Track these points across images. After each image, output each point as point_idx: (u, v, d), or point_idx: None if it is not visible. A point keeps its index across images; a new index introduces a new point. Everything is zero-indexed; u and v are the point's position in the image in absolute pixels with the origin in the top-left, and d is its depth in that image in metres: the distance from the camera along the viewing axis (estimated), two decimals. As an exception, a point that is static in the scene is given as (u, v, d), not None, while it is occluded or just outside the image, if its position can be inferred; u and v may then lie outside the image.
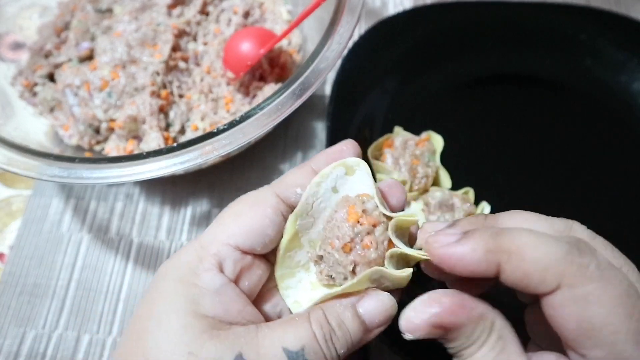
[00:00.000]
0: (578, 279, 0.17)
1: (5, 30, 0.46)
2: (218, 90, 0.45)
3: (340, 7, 0.37)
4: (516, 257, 0.17)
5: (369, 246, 0.22)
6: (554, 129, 0.46)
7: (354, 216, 0.23)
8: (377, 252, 0.22)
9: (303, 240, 0.25)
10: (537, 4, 0.50)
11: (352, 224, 0.22)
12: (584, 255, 0.17)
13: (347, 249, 0.22)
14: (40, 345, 0.40)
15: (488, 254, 0.18)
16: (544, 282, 0.17)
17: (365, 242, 0.22)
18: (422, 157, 0.41)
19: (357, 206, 0.23)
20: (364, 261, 0.22)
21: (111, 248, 0.44)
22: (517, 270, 0.17)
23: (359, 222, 0.23)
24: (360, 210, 0.23)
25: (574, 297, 0.17)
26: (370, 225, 0.23)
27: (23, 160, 0.33)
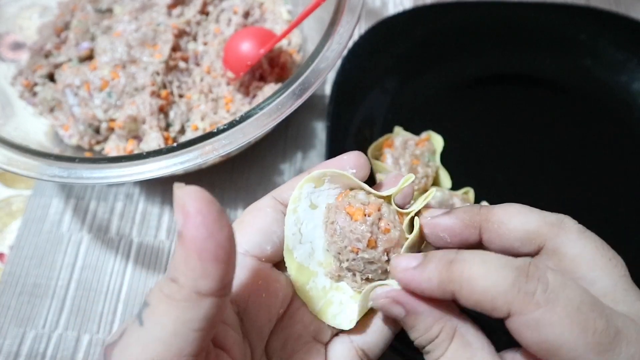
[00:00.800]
0: (525, 307, 0.18)
1: (5, 30, 0.46)
2: (218, 90, 0.45)
3: (340, 7, 0.37)
4: (467, 288, 0.19)
5: (388, 229, 0.22)
6: (554, 128, 0.46)
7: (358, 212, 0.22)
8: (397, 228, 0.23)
9: (312, 267, 0.24)
10: (537, 4, 0.50)
11: (361, 219, 0.22)
12: (531, 282, 0.18)
13: (372, 243, 0.22)
14: (40, 345, 0.40)
15: (441, 283, 0.19)
16: (495, 309, 0.18)
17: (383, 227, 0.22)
18: (422, 157, 0.41)
19: (353, 203, 0.23)
20: (392, 244, 0.22)
21: (111, 248, 0.44)
22: (470, 300, 0.19)
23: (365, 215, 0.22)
24: (358, 204, 0.23)
25: (525, 323, 0.18)
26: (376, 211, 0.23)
27: (23, 160, 0.33)
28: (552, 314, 0.17)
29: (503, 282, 0.18)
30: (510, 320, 0.18)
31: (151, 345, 0.16)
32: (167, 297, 0.16)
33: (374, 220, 0.22)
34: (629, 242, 0.39)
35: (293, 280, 0.23)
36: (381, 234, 0.22)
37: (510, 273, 0.18)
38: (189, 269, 0.16)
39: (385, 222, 0.22)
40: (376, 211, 0.22)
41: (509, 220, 0.21)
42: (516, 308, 0.18)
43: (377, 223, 0.22)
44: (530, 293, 0.18)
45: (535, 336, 0.18)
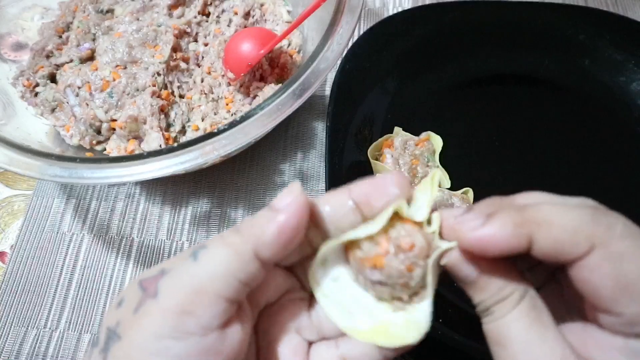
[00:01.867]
0: (609, 238, 0.17)
1: (6, 31, 0.46)
2: (218, 90, 0.45)
3: (340, 8, 0.37)
4: (546, 226, 0.18)
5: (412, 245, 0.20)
6: (553, 128, 0.46)
7: (378, 259, 0.20)
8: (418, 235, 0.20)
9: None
10: (536, 4, 0.50)
11: (386, 262, 0.20)
12: (610, 216, 0.18)
13: (411, 268, 0.20)
14: (41, 344, 0.40)
15: (517, 228, 0.18)
16: (576, 245, 0.18)
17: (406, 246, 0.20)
18: (422, 157, 0.42)
19: (368, 254, 0.20)
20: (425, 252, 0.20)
21: (112, 248, 0.44)
22: (548, 239, 0.18)
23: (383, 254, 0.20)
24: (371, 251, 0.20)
25: (608, 256, 0.17)
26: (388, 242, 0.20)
27: (24, 160, 0.33)
28: (634, 247, 0.17)
29: (583, 216, 0.18)
30: (587, 259, 0.18)
31: (200, 278, 0.18)
32: (227, 244, 0.19)
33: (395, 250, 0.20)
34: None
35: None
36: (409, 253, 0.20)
37: (587, 209, 0.18)
38: (262, 233, 0.19)
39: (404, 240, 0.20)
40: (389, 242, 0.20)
41: (544, 198, 0.20)
42: (600, 240, 0.17)
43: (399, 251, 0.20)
44: (611, 225, 0.18)
45: (615, 270, 0.17)
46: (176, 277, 0.19)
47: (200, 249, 0.19)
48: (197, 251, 0.19)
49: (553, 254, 0.18)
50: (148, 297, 0.19)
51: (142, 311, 0.18)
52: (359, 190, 0.20)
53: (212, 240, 0.19)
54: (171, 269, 0.19)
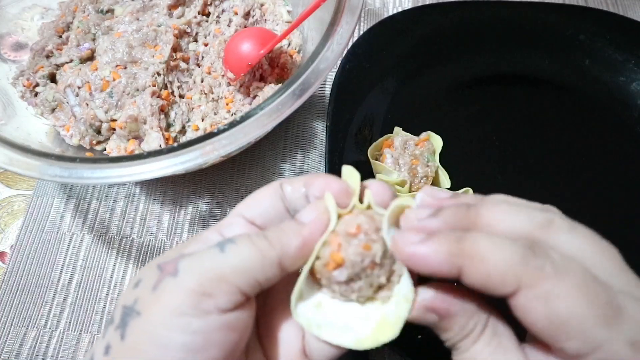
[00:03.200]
0: (535, 279, 0.18)
1: (7, 31, 0.46)
2: (218, 90, 0.45)
3: (340, 8, 0.37)
4: (477, 261, 0.18)
5: (369, 246, 0.21)
6: (553, 128, 0.46)
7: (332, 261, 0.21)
8: (377, 242, 0.21)
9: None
10: (537, 4, 0.50)
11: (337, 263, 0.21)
12: (539, 257, 0.18)
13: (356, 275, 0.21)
14: (41, 344, 0.40)
15: (450, 257, 0.19)
16: (504, 284, 0.18)
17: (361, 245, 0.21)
18: (422, 157, 0.42)
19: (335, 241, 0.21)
20: (378, 258, 0.21)
21: (112, 248, 0.44)
22: (478, 273, 0.18)
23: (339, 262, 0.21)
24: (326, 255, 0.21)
25: (535, 296, 0.18)
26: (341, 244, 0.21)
27: (24, 160, 0.33)
28: (562, 286, 0.18)
29: (513, 255, 0.18)
30: (518, 296, 0.18)
31: (223, 268, 0.20)
32: (255, 246, 0.20)
33: (345, 239, 0.21)
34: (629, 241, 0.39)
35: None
36: (359, 235, 0.21)
37: (519, 249, 0.18)
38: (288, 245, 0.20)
39: (349, 227, 0.21)
40: (337, 236, 0.21)
41: (497, 224, 0.20)
42: (526, 281, 0.18)
43: (349, 238, 0.21)
44: (539, 267, 0.18)
45: (545, 310, 0.18)
46: (198, 260, 0.20)
47: (228, 242, 0.20)
48: (224, 244, 0.20)
49: (481, 288, 0.19)
50: (167, 274, 0.20)
51: (162, 288, 0.20)
52: (310, 179, 0.23)
53: (240, 237, 0.20)
54: (192, 253, 0.20)
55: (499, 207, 0.21)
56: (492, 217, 0.20)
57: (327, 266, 0.21)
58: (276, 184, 0.23)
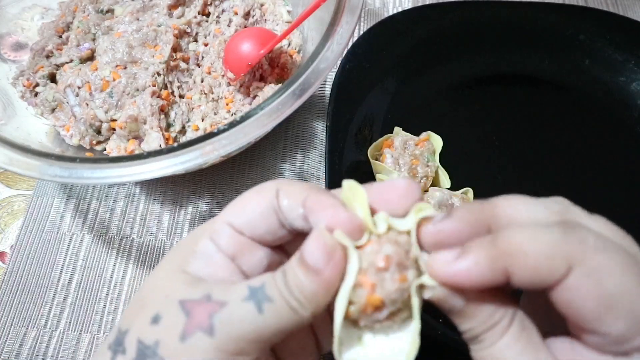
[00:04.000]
0: (584, 254, 0.17)
1: (7, 31, 0.46)
2: (218, 90, 0.45)
3: (340, 8, 0.37)
4: (521, 256, 0.17)
5: (405, 277, 0.19)
6: (553, 128, 0.46)
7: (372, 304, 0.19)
8: (410, 268, 0.19)
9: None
10: (537, 4, 0.50)
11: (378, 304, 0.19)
12: (580, 231, 0.18)
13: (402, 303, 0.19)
14: (41, 344, 0.40)
15: (492, 262, 0.18)
16: (554, 269, 0.17)
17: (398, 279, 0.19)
18: (422, 157, 0.42)
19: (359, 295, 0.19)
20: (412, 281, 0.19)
21: (112, 248, 0.44)
22: (525, 268, 0.17)
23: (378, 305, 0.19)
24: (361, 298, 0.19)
25: (587, 273, 0.17)
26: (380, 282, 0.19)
27: (24, 160, 0.33)
28: (611, 260, 0.17)
29: (554, 237, 0.17)
30: (566, 280, 0.17)
31: (262, 331, 0.19)
32: (290, 307, 0.19)
33: (377, 277, 0.19)
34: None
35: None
36: (391, 267, 0.19)
37: (556, 229, 0.18)
38: (319, 300, 0.19)
39: (377, 260, 0.19)
40: (367, 275, 0.19)
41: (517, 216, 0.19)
42: (576, 258, 0.17)
43: (380, 273, 0.19)
44: (583, 240, 0.17)
45: (595, 288, 0.17)
46: (236, 320, 0.19)
47: (264, 300, 0.19)
48: (261, 302, 0.19)
49: (533, 283, 0.18)
50: (199, 328, 0.19)
51: (194, 343, 0.19)
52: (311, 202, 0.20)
53: (273, 291, 0.19)
54: (224, 303, 0.19)
55: (513, 199, 0.20)
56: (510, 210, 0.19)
57: (364, 311, 0.19)
58: (270, 194, 0.21)
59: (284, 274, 0.19)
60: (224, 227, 0.21)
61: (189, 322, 0.19)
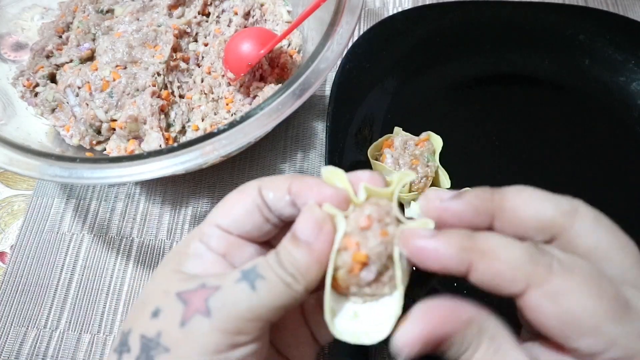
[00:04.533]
0: (544, 277, 0.18)
1: (6, 31, 0.46)
2: (218, 90, 0.46)
3: (340, 8, 0.37)
4: (489, 258, 0.18)
5: (386, 232, 0.20)
6: (553, 128, 0.46)
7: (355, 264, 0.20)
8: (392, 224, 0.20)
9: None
10: (536, 4, 0.50)
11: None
12: (546, 255, 0.18)
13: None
14: (41, 344, 0.40)
15: (462, 251, 0.18)
16: (514, 281, 0.18)
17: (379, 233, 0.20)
18: (422, 157, 0.42)
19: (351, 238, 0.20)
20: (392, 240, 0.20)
21: (112, 248, 0.44)
22: (489, 270, 0.18)
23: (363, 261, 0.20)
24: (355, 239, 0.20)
25: (545, 294, 0.18)
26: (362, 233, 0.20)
27: (24, 160, 0.33)
28: (571, 282, 0.18)
29: (523, 254, 0.18)
30: (527, 295, 0.18)
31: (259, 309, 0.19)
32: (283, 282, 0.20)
33: (360, 236, 0.20)
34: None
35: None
36: (373, 225, 0.20)
37: (528, 248, 0.18)
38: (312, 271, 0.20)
39: (360, 221, 0.20)
40: (351, 237, 0.20)
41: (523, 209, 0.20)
42: (536, 279, 0.18)
43: (363, 232, 0.20)
44: (547, 264, 0.18)
45: (555, 307, 0.18)
46: (231, 300, 0.19)
47: (257, 278, 0.20)
48: (254, 280, 0.20)
49: (489, 285, 0.18)
50: (197, 312, 0.19)
51: (193, 326, 0.19)
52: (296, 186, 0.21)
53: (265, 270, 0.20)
54: (218, 287, 0.20)
55: (525, 191, 0.20)
56: (518, 201, 0.20)
57: (352, 272, 0.20)
58: (253, 191, 0.22)
59: (276, 254, 0.20)
60: (212, 229, 0.22)
61: (187, 309, 0.20)
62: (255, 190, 0.22)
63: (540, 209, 0.20)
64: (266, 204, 0.22)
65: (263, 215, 0.22)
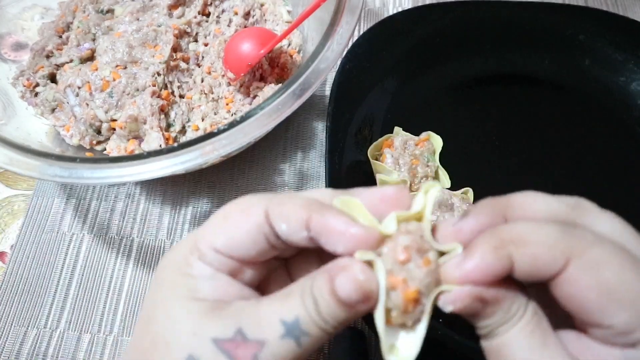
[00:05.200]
0: (583, 248, 0.18)
1: (7, 31, 0.46)
2: (218, 90, 0.46)
3: (340, 8, 0.37)
4: (522, 244, 0.18)
5: (428, 260, 0.19)
6: (553, 128, 0.46)
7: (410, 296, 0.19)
8: (432, 253, 0.19)
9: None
10: (536, 4, 0.50)
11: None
12: (578, 228, 0.18)
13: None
14: (42, 344, 0.40)
15: (496, 250, 0.18)
16: (553, 260, 0.18)
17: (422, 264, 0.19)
18: (422, 157, 0.42)
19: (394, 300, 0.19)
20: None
21: (112, 248, 0.44)
22: (526, 256, 0.18)
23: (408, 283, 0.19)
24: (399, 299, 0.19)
25: (585, 265, 0.18)
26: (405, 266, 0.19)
27: (24, 160, 0.33)
28: (608, 254, 0.18)
29: (554, 231, 0.18)
30: (567, 270, 0.18)
31: (301, 359, 0.19)
32: (326, 333, 0.19)
33: (404, 276, 0.19)
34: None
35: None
36: (414, 254, 0.19)
37: (557, 225, 0.18)
38: (344, 322, 0.19)
39: (399, 255, 0.19)
40: (394, 275, 0.19)
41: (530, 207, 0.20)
42: (575, 251, 0.18)
43: (404, 265, 0.19)
44: (583, 237, 0.18)
45: (595, 280, 0.17)
46: (279, 357, 0.19)
47: (302, 335, 0.19)
48: (299, 337, 0.19)
49: (533, 272, 0.18)
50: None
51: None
52: (318, 224, 0.19)
53: (309, 326, 0.19)
54: (263, 343, 0.19)
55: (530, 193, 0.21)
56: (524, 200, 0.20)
57: (406, 310, 0.19)
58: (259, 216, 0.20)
59: (314, 302, 0.19)
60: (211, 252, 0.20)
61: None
62: (261, 215, 0.20)
63: (548, 207, 0.20)
64: (275, 233, 0.20)
65: (270, 243, 0.20)
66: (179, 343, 0.19)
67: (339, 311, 0.19)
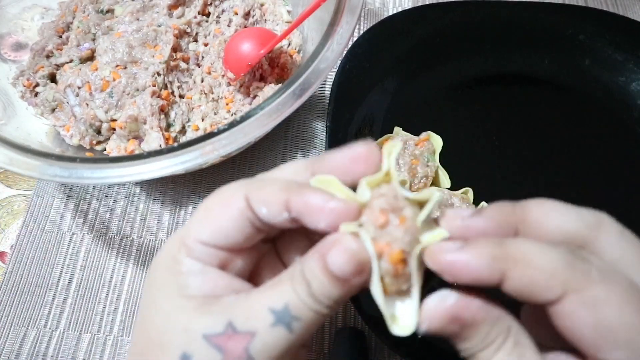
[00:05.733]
0: (583, 284, 0.17)
1: (7, 31, 0.46)
2: (218, 90, 0.46)
3: (340, 8, 0.37)
4: (523, 265, 0.18)
5: (404, 218, 0.19)
6: (553, 128, 0.46)
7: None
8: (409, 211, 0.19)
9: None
10: (536, 4, 0.50)
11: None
12: (585, 262, 0.18)
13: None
14: (41, 344, 0.40)
15: (494, 261, 0.18)
16: (549, 289, 0.17)
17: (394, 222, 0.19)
18: (422, 157, 0.42)
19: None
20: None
21: (112, 248, 0.44)
22: (523, 278, 0.18)
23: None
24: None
25: (582, 302, 0.17)
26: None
27: (24, 160, 0.33)
28: (609, 292, 0.17)
29: (560, 259, 0.17)
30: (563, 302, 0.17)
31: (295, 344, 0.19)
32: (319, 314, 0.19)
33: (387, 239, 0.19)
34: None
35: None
36: (391, 216, 0.19)
37: (564, 253, 0.18)
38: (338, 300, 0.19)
39: (377, 219, 0.19)
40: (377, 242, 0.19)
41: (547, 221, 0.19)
42: (574, 285, 0.17)
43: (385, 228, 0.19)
44: (586, 271, 0.17)
45: (591, 317, 0.17)
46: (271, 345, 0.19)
47: (293, 320, 0.19)
48: (290, 323, 0.19)
49: (524, 293, 0.18)
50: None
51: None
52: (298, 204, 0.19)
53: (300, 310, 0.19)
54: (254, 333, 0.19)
55: (547, 204, 0.20)
56: (541, 214, 0.19)
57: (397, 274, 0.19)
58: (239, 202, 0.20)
59: (307, 284, 0.19)
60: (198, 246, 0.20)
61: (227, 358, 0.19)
62: (241, 201, 0.20)
63: (566, 221, 0.19)
64: (258, 217, 0.20)
65: (255, 227, 0.20)
66: (173, 342, 0.19)
67: (334, 289, 0.19)
